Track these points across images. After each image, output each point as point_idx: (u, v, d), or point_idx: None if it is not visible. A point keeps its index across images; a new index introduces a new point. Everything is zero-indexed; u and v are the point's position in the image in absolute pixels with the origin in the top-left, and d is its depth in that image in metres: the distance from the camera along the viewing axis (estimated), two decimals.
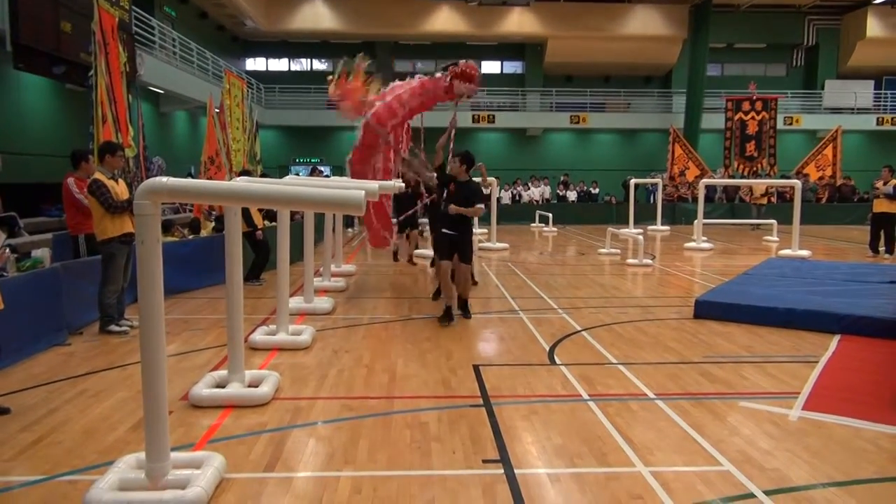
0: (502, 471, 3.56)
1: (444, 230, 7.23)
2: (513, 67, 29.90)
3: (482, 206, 7.21)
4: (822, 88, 28.52)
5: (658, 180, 19.95)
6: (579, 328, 6.92)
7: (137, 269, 3.14)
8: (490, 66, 29.85)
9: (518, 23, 26.59)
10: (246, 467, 3.61)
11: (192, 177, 14.75)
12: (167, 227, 9.50)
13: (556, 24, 26.59)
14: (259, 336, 6.20)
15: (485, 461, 3.69)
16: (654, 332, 6.78)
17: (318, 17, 25.99)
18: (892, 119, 27.51)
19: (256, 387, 4.70)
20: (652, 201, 21.77)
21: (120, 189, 6.59)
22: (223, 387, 4.68)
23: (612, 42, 26.98)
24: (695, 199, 19.09)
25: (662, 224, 19.35)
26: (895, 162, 13.48)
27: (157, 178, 3.14)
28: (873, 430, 4.11)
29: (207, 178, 11.36)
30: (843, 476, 3.51)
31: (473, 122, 26.08)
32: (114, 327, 6.59)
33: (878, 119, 27.57)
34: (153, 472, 3.19)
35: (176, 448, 3.56)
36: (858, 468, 3.61)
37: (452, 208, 6.96)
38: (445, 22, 26.39)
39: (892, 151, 28.11)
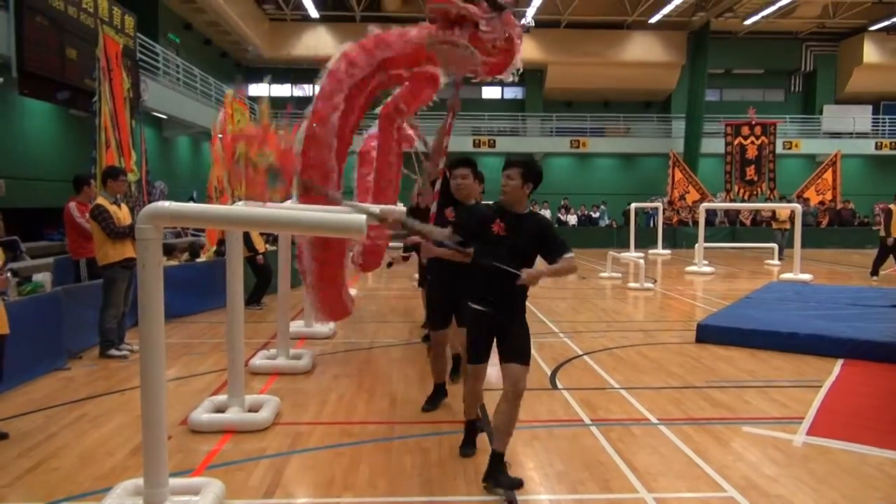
0: (504, 497, 3.52)
1: (475, 304, 3.80)
2: (513, 93, 30.16)
3: (572, 254, 3.74)
4: (821, 113, 28.71)
5: (658, 204, 20.02)
6: (581, 352, 6.89)
7: (138, 293, 3.14)
8: (491, 92, 30.10)
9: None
10: (245, 493, 3.57)
11: (195, 201, 14.78)
12: (168, 251, 9.51)
13: (555, 51, 26.86)
14: (259, 360, 6.17)
15: (486, 488, 3.65)
16: (655, 357, 6.74)
17: (319, 43, 26.28)
18: (891, 143, 27.65)
19: (256, 412, 4.67)
20: (652, 225, 21.81)
21: (122, 214, 6.62)
22: (223, 412, 4.65)
23: (611, 68, 27.23)
24: (695, 223, 19.12)
25: (663, 248, 19.35)
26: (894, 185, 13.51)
27: (159, 203, 3.15)
28: (879, 456, 4.07)
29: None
30: (850, 503, 3.46)
31: (474, 146, 26.23)
32: (114, 352, 6.57)
33: (876, 143, 27.72)
34: (151, 498, 3.16)
35: (175, 474, 3.52)
36: (865, 495, 3.56)
37: (529, 273, 3.55)
38: None
39: (891, 176, 28.20)
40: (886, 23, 24.91)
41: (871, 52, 27.05)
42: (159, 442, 3.17)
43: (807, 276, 12.93)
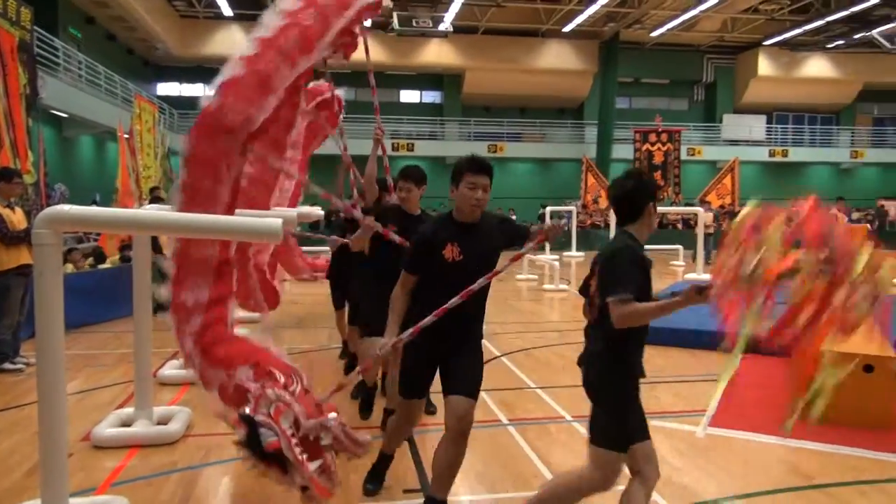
0: (423, 501, 3.53)
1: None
2: (432, 97, 30.39)
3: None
4: (721, 122, 30.45)
5: (572, 208, 20.61)
6: (498, 354, 7.00)
7: (35, 302, 2.96)
8: (409, 96, 30.22)
9: (437, 53, 27.08)
10: None
11: (98, 204, 14.08)
12: (65, 256, 8.99)
13: (473, 56, 27.25)
14: (168, 370, 5.93)
15: (405, 491, 3.66)
16: (570, 356, 6.88)
17: (233, 42, 25.56)
18: (783, 151, 29.65)
19: (165, 424, 4.49)
20: (567, 228, 22.45)
21: (16, 218, 6.22)
22: (129, 425, 4.45)
23: (527, 74, 27.90)
24: (607, 226, 19.83)
25: (577, 250, 19.93)
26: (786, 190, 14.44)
27: (59, 207, 2.99)
28: (773, 444, 4.35)
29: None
30: (749, 489, 3.68)
31: (393, 149, 26.21)
32: (8, 365, 6.17)
33: (770, 151, 29.66)
34: None
35: (76, 493, 3.34)
36: (762, 480, 3.80)
37: None
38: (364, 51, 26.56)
39: (784, 181, 30.26)
40: (779, 38, 26.69)
41: (765, 65, 28.93)
42: (58, 460, 3.00)
43: (709, 276, 13.61)
